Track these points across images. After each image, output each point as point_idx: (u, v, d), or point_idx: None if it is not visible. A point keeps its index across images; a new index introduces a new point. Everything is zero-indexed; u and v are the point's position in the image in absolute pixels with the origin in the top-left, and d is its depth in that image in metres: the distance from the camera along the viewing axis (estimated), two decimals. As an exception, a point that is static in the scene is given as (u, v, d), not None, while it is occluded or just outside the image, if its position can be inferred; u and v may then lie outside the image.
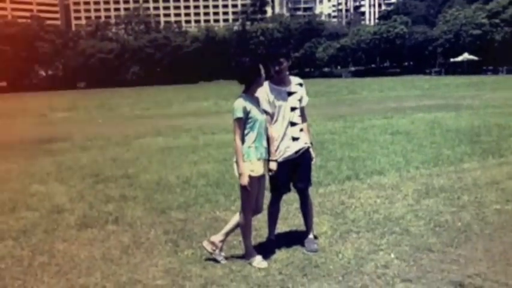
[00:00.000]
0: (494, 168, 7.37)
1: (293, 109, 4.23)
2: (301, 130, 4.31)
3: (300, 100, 4.31)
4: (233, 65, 4.45)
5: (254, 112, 3.96)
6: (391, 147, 9.54)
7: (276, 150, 4.16)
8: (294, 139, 4.22)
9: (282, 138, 4.19)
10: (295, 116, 4.25)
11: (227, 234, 4.20)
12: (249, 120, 3.95)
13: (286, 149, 4.19)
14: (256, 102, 4.06)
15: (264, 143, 4.04)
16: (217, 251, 4.12)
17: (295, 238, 4.56)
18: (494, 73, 64.14)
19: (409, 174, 7.24)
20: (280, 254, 4.25)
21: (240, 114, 3.91)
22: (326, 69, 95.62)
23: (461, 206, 5.53)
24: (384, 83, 46.24)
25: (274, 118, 4.18)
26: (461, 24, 72.46)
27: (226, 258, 4.15)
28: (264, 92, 4.16)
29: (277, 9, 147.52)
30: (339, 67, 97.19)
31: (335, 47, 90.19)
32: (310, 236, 4.44)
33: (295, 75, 4.55)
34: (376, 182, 6.82)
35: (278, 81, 4.21)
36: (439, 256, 4.08)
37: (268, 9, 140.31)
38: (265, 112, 4.11)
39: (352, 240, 4.54)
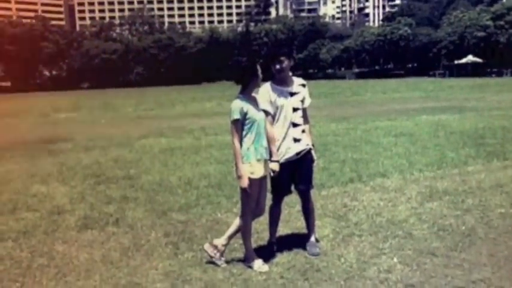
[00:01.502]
0: (499, 171, 7.30)
1: (295, 110, 4.18)
2: (303, 131, 4.25)
3: (303, 101, 4.26)
4: (230, 65, 4.40)
5: (252, 113, 3.91)
6: (394, 150, 9.47)
7: (277, 151, 4.10)
8: (296, 140, 4.17)
9: (283, 139, 4.14)
10: (297, 117, 4.20)
11: (230, 237, 4.15)
12: (247, 121, 3.90)
13: (288, 150, 4.14)
14: (254, 102, 4.01)
15: (264, 143, 3.98)
16: (218, 255, 4.06)
17: (297, 241, 4.51)
18: (499, 75, 63.86)
19: (412, 176, 7.17)
20: (282, 258, 4.19)
21: (237, 115, 3.87)
22: (330, 71, 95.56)
23: (465, 209, 5.46)
24: (388, 85, 46.11)
25: (276, 118, 4.13)
26: (465, 26, 72.26)
27: (227, 261, 4.09)
28: (265, 91, 4.11)
29: (281, 11, 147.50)
30: (342, 68, 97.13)
31: (339, 49, 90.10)
32: (312, 239, 4.39)
33: (299, 76, 4.50)
34: (380, 184, 6.76)
35: (280, 81, 4.16)
36: (443, 260, 4.01)
37: (272, 11, 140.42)
38: (266, 112, 4.06)
39: (355, 243, 4.48)
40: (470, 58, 67.07)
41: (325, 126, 13.94)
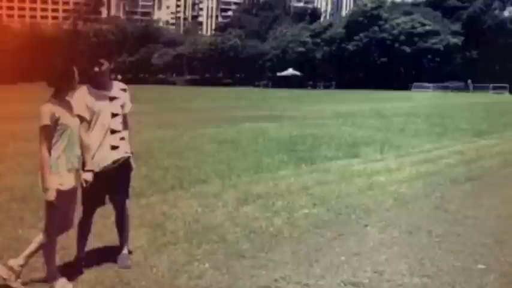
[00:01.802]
0: (306, 175, 8.06)
1: (114, 115, 3.98)
2: (122, 139, 4.07)
3: (123, 106, 4.08)
4: (43, 65, 4.02)
5: (65, 118, 3.60)
6: (217, 156, 9.78)
7: (92, 160, 3.85)
8: (114, 148, 3.96)
9: (100, 147, 3.90)
10: (116, 123, 4.00)
11: (30, 256, 3.72)
12: (59, 128, 3.57)
13: (104, 158, 3.91)
14: (67, 107, 3.70)
15: (77, 152, 3.70)
16: (13, 277, 3.63)
17: (109, 255, 4.29)
18: (314, 87, 71.19)
19: (231, 181, 7.48)
20: (89, 274, 3.95)
21: (46, 121, 3.52)
22: (161, 76, 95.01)
23: (274, 211, 5.88)
24: (217, 93, 47.74)
25: (92, 124, 3.88)
26: (288, 41, 78.91)
27: (24, 283, 3.69)
28: (81, 95, 3.84)
29: (113, 11, 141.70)
30: (174, 75, 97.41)
31: (171, 55, 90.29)
32: (124, 251, 4.23)
33: (129, 80, 4.32)
34: (200, 190, 6.88)
35: (98, 84, 3.93)
36: (251, 262, 4.24)
37: (103, 10, 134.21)
38: (81, 118, 3.79)
39: (169, 252, 4.46)
40: (290, 71, 73.46)
41: (152, 132, 13.74)
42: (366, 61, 67.30)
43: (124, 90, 4.14)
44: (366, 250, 4.59)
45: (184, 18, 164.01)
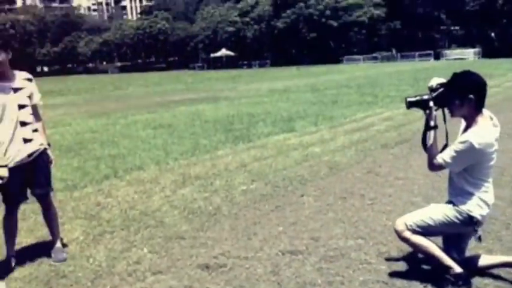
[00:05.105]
0: (244, 153, 8.10)
1: (22, 107, 3.79)
2: (35, 130, 3.90)
3: (30, 97, 3.88)
4: None
5: None
6: (152, 142, 9.61)
7: (5, 155, 3.66)
8: (26, 141, 3.79)
9: (11, 141, 3.71)
10: (26, 115, 3.82)
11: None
12: None
13: (18, 152, 3.73)
14: None
15: None
16: None
17: (42, 250, 4.14)
18: (249, 67, 71.23)
19: (168, 166, 7.39)
20: (23, 270, 3.79)
21: None
22: (90, 65, 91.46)
23: (213, 191, 5.88)
24: (150, 78, 46.63)
25: None
26: (217, 21, 78.08)
27: (-52, 289, 3.49)
28: None
29: (28, 1, 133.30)
30: (104, 62, 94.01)
31: (98, 42, 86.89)
32: (58, 245, 4.09)
33: (57, 71, 4.09)
34: (136, 177, 6.75)
35: None
36: (190, 242, 4.24)
37: (18, 0, 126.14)
38: None
39: (106, 241, 4.36)
40: (224, 52, 72.96)
41: (83, 123, 13.27)
42: (296, 37, 68.09)
43: (29, 80, 3.93)
44: (302, 219, 4.71)
45: (107, 4, 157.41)
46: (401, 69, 35.62)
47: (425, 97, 3.12)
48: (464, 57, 51.21)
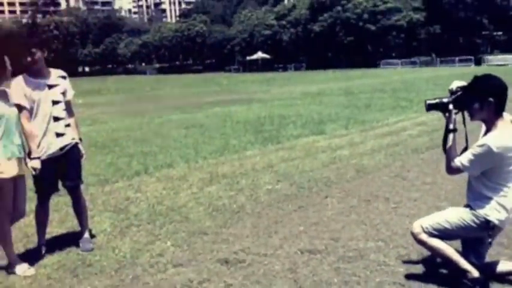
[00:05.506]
0: (272, 154, 8.17)
1: (56, 103, 3.99)
2: (68, 125, 4.10)
3: (64, 93, 4.09)
4: None
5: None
6: (184, 141, 9.81)
7: (38, 147, 3.87)
8: (59, 135, 3.99)
9: (44, 135, 3.92)
10: (59, 110, 4.02)
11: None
12: None
13: (50, 145, 3.94)
14: (3, 96, 3.72)
15: (16, 140, 3.72)
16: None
17: (71, 240, 4.34)
18: (284, 70, 71.18)
19: (197, 164, 7.54)
20: (52, 258, 3.99)
21: None
22: (130, 66, 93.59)
23: (239, 189, 5.98)
24: (187, 80, 47.36)
25: (34, 113, 3.89)
26: (254, 24, 78.45)
27: (-15, 272, 3.71)
28: (17, 85, 3.84)
29: (72, 3, 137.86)
30: (143, 64, 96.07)
31: (137, 43, 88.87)
32: (86, 235, 4.28)
33: (98, 71, 4.31)
34: (165, 174, 6.93)
35: (35, 73, 3.92)
36: (212, 237, 4.34)
37: (62, 2, 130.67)
38: (20, 107, 3.80)
39: (132, 234, 4.52)
40: (259, 54, 73.18)
41: (119, 121, 13.67)
42: (333, 41, 67.56)
43: (63, 77, 4.14)
44: (324, 219, 4.74)
45: (147, 6, 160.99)
46: (440, 74, 34.80)
47: (445, 100, 3.11)
48: (507, 63, 49.55)
